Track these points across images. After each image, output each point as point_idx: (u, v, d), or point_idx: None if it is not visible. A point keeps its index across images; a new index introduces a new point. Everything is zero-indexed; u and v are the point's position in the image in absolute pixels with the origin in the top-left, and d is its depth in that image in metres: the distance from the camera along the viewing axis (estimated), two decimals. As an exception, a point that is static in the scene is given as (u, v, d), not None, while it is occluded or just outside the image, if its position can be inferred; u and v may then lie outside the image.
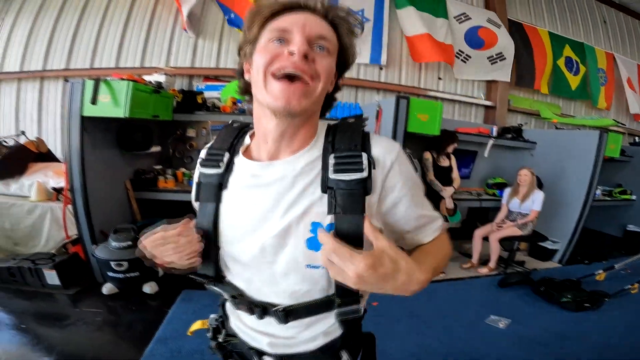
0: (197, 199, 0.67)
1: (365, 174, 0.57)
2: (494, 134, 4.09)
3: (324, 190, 0.58)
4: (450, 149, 3.37)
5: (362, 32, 0.67)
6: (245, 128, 0.73)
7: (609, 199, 4.56)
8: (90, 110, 2.41)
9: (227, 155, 0.66)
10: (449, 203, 3.31)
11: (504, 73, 4.71)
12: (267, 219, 0.60)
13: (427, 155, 3.39)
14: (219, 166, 0.65)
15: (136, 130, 2.95)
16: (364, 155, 0.58)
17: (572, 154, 3.86)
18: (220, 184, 0.65)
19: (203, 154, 0.70)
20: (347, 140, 0.60)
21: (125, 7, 3.90)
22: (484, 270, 3.43)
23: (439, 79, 4.64)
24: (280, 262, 0.60)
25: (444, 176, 3.40)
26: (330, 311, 0.63)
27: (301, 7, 0.61)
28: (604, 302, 2.76)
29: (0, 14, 3.99)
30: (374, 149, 0.60)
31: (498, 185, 4.04)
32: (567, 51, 5.30)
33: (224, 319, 0.76)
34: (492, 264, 3.46)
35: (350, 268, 0.49)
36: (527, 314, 2.66)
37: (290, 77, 0.56)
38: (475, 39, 4.58)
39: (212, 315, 0.79)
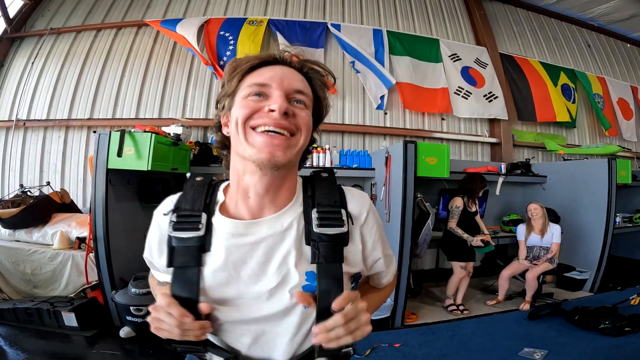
0: (170, 265, 0.61)
1: (345, 228, 0.62)
2: (503, 171, 4.13)
3: (307, 243, 0.62)
4: (481, 192, 3.34)
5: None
6: (212, 183, 0.70)
7: (630, 225, 4.47)
8: (115, 163, 2.55)
9: (204, 216, 0.63)
10: (476, 242, 3.19)
11: (500, 111, 4.79)
12: (264, 272, 0.61)
13: (459, 202, 3.25)
14: (198, 228, 0.61)
15: (156, 183, 3.10)
16: (343, 212, 0.63)
17: (585, 184, 3.88)
18: (202, 246, 0.61)
19: (170, 217, 0.63)
20: (326, 196, 0.65)
21: (143, 60, 4.26)
22: (525, 307, 3.27)
23: (442, 119, 4.76)
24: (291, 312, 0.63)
25: (470, 221, 3.29)
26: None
27: (278, 61, 0.64)
28: (646, 326, 2.64)
29: (30, 59, 4.38)
30: (350, 205, 0.66)
31: (514, 222, 4.02)
32: (563, 79, 5.43)
33: None
34: (528, 298, 3.35)
35: (364, 317, 0.55)
36: (563, 343, 2.54)
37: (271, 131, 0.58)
38: (469, 77, 4.78)
39: None
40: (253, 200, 0.63)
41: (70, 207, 3.52)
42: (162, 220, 0.66)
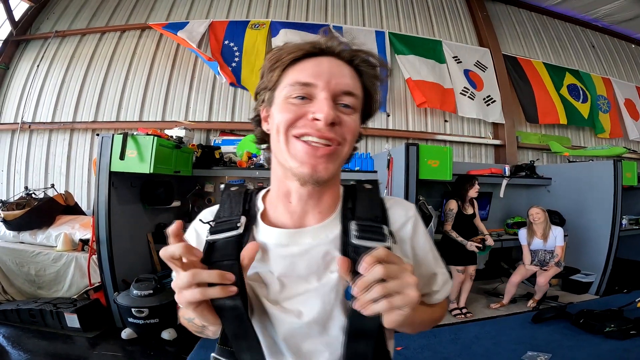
0: (206, 262, 0.53)
1: (387, 244, 0.53)
2: (507, 173, 4.10)
3: (343, 255, 0.55)
4: (472, 193, 3.25)
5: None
6: (249, 192, 0.66)
7: (636, 227, 4.41)
8: (118, 166, 2.57)
9: (243, 218, 0.59)
10: (470, 247, 3.13)
11: (498, 115, 4.75)
12: (302, 281, 0.56)
13: (453, 205, 3.19)
14: (236, 227, 0.57)
15: (159, 186, 3.11)
16: (385, 228, 0.56)
17: (590, 186, 3.84)
18: (240, 242, 0.56)
19: (207, 226, 0.59)
20: (367, 211, 0.59)
21: (147, 63, 4.30)
22: (532, 304, 3.31)
23: (445, 121, 4.73)
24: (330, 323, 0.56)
25: (467, 224, 3.24)
26: None
27: (324, 52, 0.57)
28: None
29: (35, 61, 4.43)
30: (393, 222, 0.61)
31: (518, 224, 3.97)
32: (569, 79, 5.35)
33: None
34: (537, 297, 3.35)
35: (410, 281, 0.44)
36: (568, 347, 2.52)
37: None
38: (469, 80, 4.76)
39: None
40: (296, 204, 0.59)
41: (74, 210, 3.55)
42: (200, 229, 0.62)
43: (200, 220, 0.62)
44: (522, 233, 3.48)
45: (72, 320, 2.60)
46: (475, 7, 5.22)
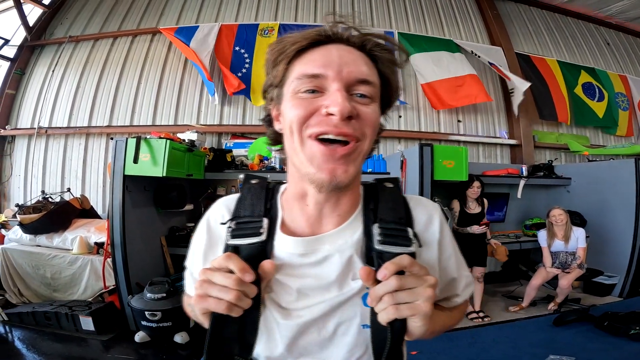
0: None
1: (412, 249, 0.51)
2: (524, 173, 4.01)
3: (366, 261, 0.53)
4: (471, 193, 3.16)
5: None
6: (270, 186, 0.62)
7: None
8: (131, 169, 2.59)
9: (265, 221, 0.55)
10: (477, 229, 3.09)
11: (515, 106, 4.59)
12: (322, 291, 0.54)
13: (454, 205, 3.22)
14: (259, 233, 0.53)
15: (172, 189, 3.12)
16: (410, 231, 0.53)
17: (611, 185, 3.74)
18: (264, 251, 0.53)
19: (229, 224, 0.56)
20: (391, 212, 0.55)
21: (158, 67, 4.34)
22: (553, 307, 3.25)
23: (459, 121, 4.65)
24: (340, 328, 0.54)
25: (473, 223, 3.15)
26: None
27: (332, 39, 0.52)
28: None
29: (51, 67, 4.52)
30: (418, 223, 0.57)
31: (537, 226, 3.88)
32: (584, 77, 5.22)
33: None
34: (559, 300, 3.27)
35: (424, 294, 0.43)
36: (592, 350, 2.42)
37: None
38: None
39: None
40: (312, 208, 0.55)
41: (90, 213, 3.59)
42: (216, 227, 0.60)
43: (221, 223, 0.58)
44: (542, 235, 3.38)
45: (87, 323, 2.62)
46: (485, 6, 5.13)
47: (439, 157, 2.98)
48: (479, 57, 4.63)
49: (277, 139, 0.59)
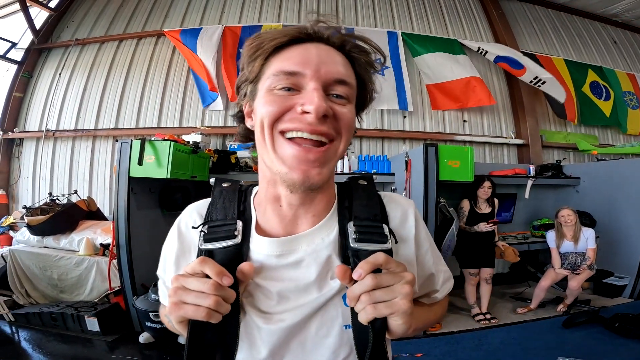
0: None
1: (388, 245, 0.51)
2: (532, 173, 3.97)
3: (343, 260, 0.53)
4: (482, 193, 3.14)
5: (384, 62, 0.58)
6: (242, 189, 0.61)
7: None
8: (136, 171, 2.60)
9: (239, 224, 0.54)
10: (484, 226, 3.06)
11: (555, 92, 4.42)
12: (302, 293, 0.53)
13: (464, 204, 3.20)
14: (234, 236, 0.52)
15: (176, 191, 3.14)
16: (385, 228, 0.53)
17: (621, 185, 3.68)
18: (240, 254, 0.51)
19: (201, 228, 0.54)
20: (365, 209, 0.55)
21: (163, 69, 4.36)
22: (562, 309, 3.20)
23: (464, 121, 4.60)
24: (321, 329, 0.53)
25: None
26: None
27: (312, 37, 0.51)
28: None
29: (58, 69, 4.57)
30: (393, 219, 0.58)
31: (545, 226, 3.83)
32: (592, 76, 5.16)
33: None
34: (568, 301, 3.22)
35: (402, 290, 0.43)
36: (602, 352, 2.39)
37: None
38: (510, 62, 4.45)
39: None
40: (286, 208, 0.54)
41: (96, 215, 3.62)
42: (187, 232, 0.59)
43: (193, 227, 0.57)
44: (551, 236, 3.33)
45: (92, 324, 2.65)
46: (489, 5, 5.09)
47: (444, 157, 2.95)
48: (485, 53, 4.57)
49: (248, 135, 0.58)
